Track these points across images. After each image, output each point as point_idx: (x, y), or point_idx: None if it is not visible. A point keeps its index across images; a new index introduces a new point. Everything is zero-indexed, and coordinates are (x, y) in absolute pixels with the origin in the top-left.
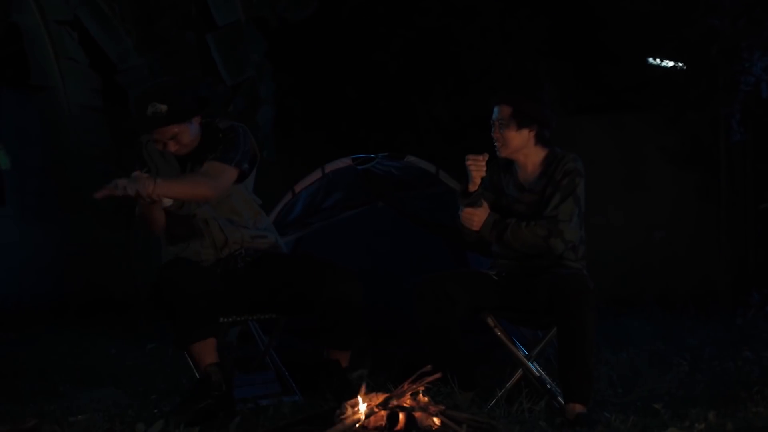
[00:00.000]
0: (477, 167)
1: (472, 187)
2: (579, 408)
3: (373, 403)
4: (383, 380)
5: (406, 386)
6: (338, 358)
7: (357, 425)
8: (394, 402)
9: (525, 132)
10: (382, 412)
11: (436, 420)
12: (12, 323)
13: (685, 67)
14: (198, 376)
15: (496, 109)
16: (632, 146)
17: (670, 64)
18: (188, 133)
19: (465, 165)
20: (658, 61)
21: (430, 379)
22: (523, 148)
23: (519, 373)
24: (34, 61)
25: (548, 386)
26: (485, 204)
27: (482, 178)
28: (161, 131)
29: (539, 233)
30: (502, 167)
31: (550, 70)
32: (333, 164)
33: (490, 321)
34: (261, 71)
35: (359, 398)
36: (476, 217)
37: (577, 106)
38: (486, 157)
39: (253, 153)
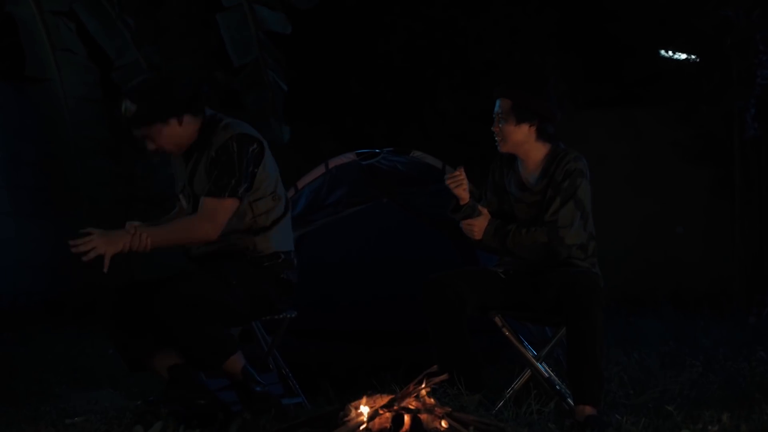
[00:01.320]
0: (457, 183)
1: (462, 201)
2: (589, 410)
3: (377, 405)
4: (388, 381)
5: (411, 387)
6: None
7: (361, 428)
8: (400, 404)
9: (525, 127)
10: (387, 414)
11: (443, 422)
12: (7, 322)
13: (698, 60)
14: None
15: (497, 102)
16: (644, 141)
17: (683, 56)
18: (163, 134)
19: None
20: (670, 53)
21: (436, 380)
22: (524, 143)
23: (527, 373)
24: (29, 52)
25: (557, 387)
26: (484, 211)
27: (486, 180)
28: (133, 131)
29: (539, 239)
30: (504, 163)
31: (559, 63)
32: (337, 159)
33: (498, 321)
34: (268, 56)
35: (363, 400)
36: (476, 227)
37: (587, 100)
38: (461, 170)
39: (254, 159)
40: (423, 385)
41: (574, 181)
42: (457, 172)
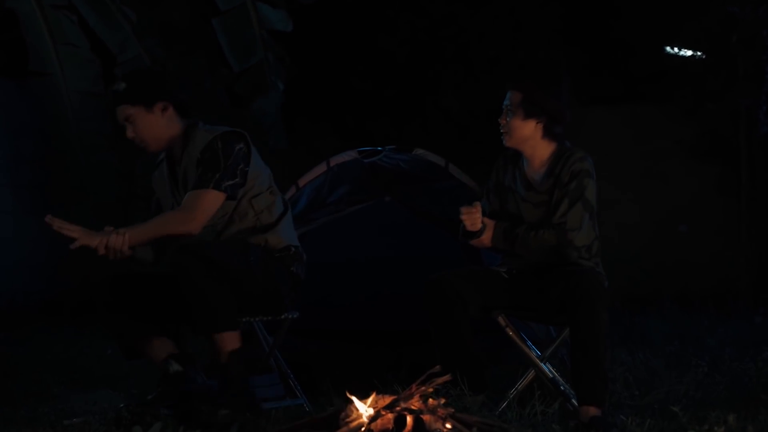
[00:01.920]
0: (472, 220)
1: (474, 230)
2: (593, 411)
3: (379, 406)
4: (390, 381)
5: (414, 388)
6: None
7: (362, 429)
8: (402, 405)
9: (532, 123)
10: (389, 415)
11: (446, 423)
12: (4, 322)
13: (703, 57)
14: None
15: (508, 94)
16: (649, 139)
17: (689, 53)
18: (145, 120)
19: (460, 219)
20: (675, 50)
21: (440, 380)
22: (529, 139)
23: (531, 374)
24: (31, 47)
25: (562, 388)
26: (486, 221)
27: (489, 180)
28: (117, 110)
29: (549, 242)
30: (509, 161)
31: (563, 59)
32: (338, 157)
33: (502, 320)
34: (273, 57)
35: (365, 401)
36: (484, 239)
37: (592, 96)
38: (478, 206)
39: (243, 157)
40: (427, 386)
41: (581, 182)
42: (474, 209)
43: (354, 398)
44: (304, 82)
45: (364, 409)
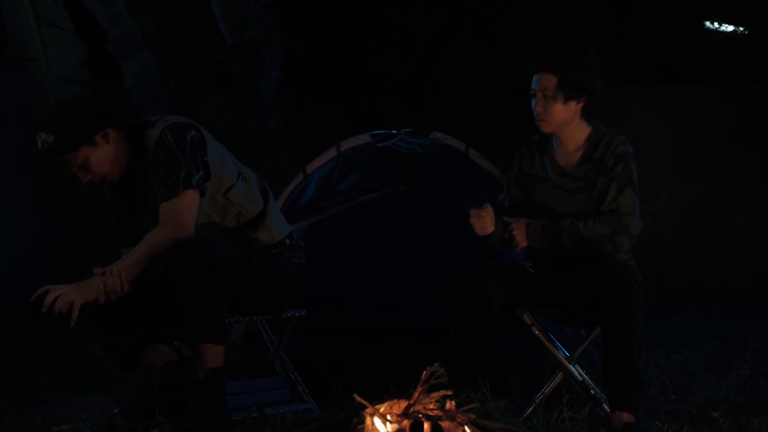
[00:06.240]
0: (482, 224)
1: (487, 234)
2: (627, 416)
3: (394, 411)
4: (406, 385)
5: (419, 389)
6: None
7: None
8: (417, 408)
9: (572, 105)
10: (405, 421)
11: (468, 430)
12: None
13: (746, 32)
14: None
15: (536, 78)
16: (686, 122)
17: (730, 28)
18: (94, 157)
19: (470, 222)
20: (716, 25)
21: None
22: (569, 123)
23: (559, 377)
24: (11, 28)
25: (592, 392)
26: (521, 223)
27: (510, 172)
28: (62, 163)
29: (602, 231)
30: (534, 147)
31: (593, 35)
32: (349, 141)
33: (527, 318)
34: (266, 34)
35: (379, 406)
36: (517, 233)
37: (625, 76)
38: (488, 209)
39: (199, 146)
40: (427, 384)
41: (627, 165)
42: (484, 213)
43: (366, 403)
44: (312, 59)
45: (378, 414)
